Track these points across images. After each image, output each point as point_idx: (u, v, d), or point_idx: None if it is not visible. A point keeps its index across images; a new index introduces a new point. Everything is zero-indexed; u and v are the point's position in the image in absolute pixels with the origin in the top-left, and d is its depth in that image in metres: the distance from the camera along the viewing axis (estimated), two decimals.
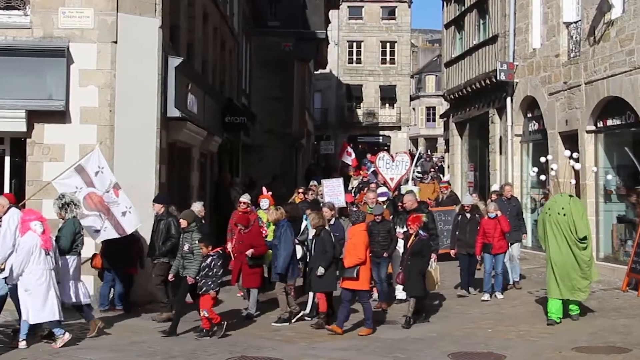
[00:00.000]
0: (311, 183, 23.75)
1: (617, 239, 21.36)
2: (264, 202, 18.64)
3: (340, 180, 23.95)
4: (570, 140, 22.84)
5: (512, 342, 13.88)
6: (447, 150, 37.18)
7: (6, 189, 17.30)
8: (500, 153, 28.12)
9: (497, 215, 18.23)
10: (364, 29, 74.49)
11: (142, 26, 17.46)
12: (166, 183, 18.69)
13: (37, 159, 17.01)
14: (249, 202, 18.65)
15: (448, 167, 36.56)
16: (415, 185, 28.18)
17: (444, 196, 25.63)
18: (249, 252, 16.12)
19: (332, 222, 16.40)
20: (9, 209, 14.09)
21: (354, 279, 14.56)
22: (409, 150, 61.70)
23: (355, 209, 19.72)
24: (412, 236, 15.74)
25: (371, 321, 14.71)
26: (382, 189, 21.91)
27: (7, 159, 17.48)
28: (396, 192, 24.81)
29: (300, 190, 22.38)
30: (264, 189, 19.52)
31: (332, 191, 23.07)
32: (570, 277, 15.36)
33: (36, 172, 16.96)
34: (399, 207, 18.20)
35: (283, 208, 17.00)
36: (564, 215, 15.37)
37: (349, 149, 38.72)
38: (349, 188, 30.03)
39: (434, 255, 16.54)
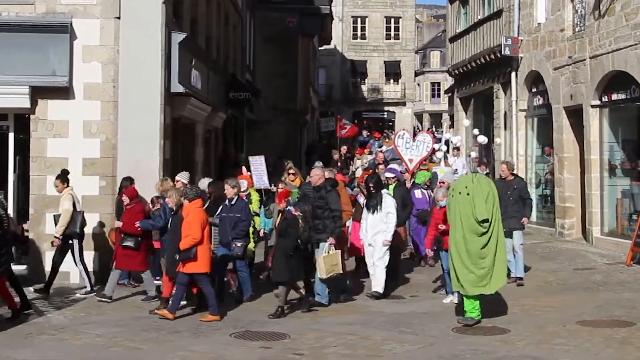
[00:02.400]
0: (316, 164, 21.57)
1: (621, 214, 21.34)
2: (243, 184, 17.10)
3: (262, 159, 21.00)
4: (575, 114, 22.82)
5: (516, 317, 13.89)
6: (451, 126, 36.96)
7: (10, 165, 17.34)
8: (505, 128, 28.10)
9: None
10: (368, 4, 74.15)
11: (145, 1, 17.42)
12: (170, 159, 18.70)
13: (41, 135, 17.02)
14: (187, 182, 16.58)
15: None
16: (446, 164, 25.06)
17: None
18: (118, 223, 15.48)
19: (233, 201, 15.27)
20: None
21: (191, 260, 13.62)
22: (433, 128, 61.21)
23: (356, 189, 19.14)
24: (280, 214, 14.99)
25: (215, 307, 13.75)
26: (392, 166, 20.68)
27: (11, 135, 17.49)
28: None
29: (291, 170, 19.89)
30: (244, 169, 18.81)
31: (257, 170, 20.74)
32: (470, 268, 13.39)
33: (40, 148, 16.97)
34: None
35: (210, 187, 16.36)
36: (467, 194, 13.42)
37: (342, 122, 37.86)
38: (353, 168, 29.37)
39: (331, 239, 14.80)
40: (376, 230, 15.65)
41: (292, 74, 42.06)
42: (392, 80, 75.99)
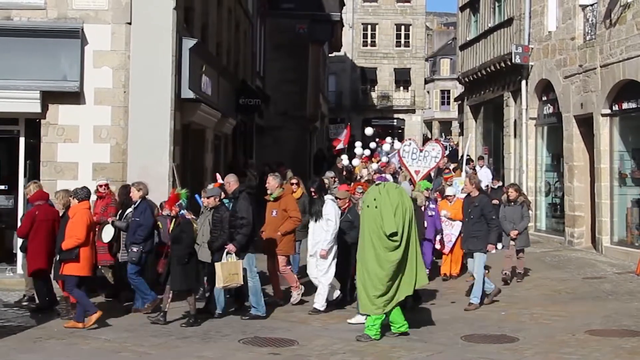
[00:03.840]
0: (327, 174, 20.31)
1: (631, 223, 21.29)
2: (214, 191, 15.92)
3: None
4: (585, 123, 22.79)
5: (525, 325, 13.87)
6: (461, 134, 36.88)
7: (21, 170, 17.40)
8: (515, 136, 28.06)
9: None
10: (379, 11, 74.21)
11: (157, 7, 17.46)
12: (180, 165, 18.72)
13: (51, 139, 17.08)
14: (106, 184, 15.98)
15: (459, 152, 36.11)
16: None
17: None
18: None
19: (136, 204, 14.83)
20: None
21: (73, 261, 13.18)
22: (444, 138, 60.50)
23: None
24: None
25: (81, 314, 13.28)
26: (388, 176, 20.07)
27: (22, 140, 17.54)
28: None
29: (294, 180, 18.63)
30: (218, 176, 18.08)
31: None
32: (381, 287, 12.66)
33: (51, 153, 17.03)
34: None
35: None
36: (375, 207, 12.66)
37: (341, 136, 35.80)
38: (357, 178, 28.51)
39: (230, 246, 14.02)
40: (317, 240, 14.82)
41: (302, 80, 42.13)
42: (401, 88, 76.00)
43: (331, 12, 44.72)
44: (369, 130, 13.44)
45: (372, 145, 36.18)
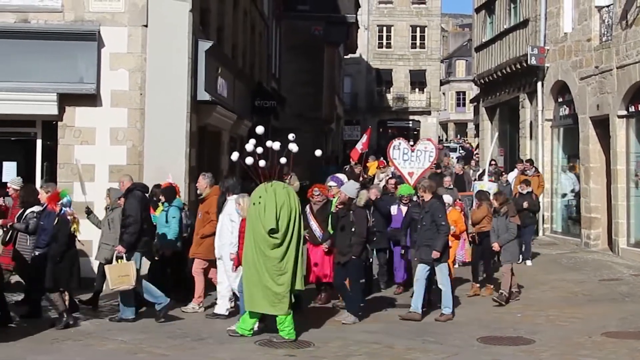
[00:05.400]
0: (328, 182, 19.32)
1: None
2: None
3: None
4: (601, 125, 22.72)
5: (541, 327, 13.85)
6: (477, 135, 36.82)
7: (38, 172, 17.48)
8: (531, 138, 28.00)
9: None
10: (394, 13, 74.20)
11: (173, 10, 17.51)
12: (196, 167, 18.77)
13: (68, 142, 17.15)
14: (18, 188, 15.51)
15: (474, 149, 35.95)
16: (492, 179, 23.05)
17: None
18: None
19: (43, 207, 14.15)
20: None
21: None
22: (460, 140, 60.06)
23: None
24: None
25: None
26: (338, 175, 18.30)
27: (39, 142, 17.62)
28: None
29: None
30: (170, 176, 16.84)
31: None
32: (263, 285, 12.60)
33: (67, 155, 17.10)
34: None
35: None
36: (259, 204, 12.70)
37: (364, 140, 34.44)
38: (377, 181, 28.05)
39: (119, 248, 13.86)
40: (223, 242, 14.21)
41: (318, 82, 42.18)
42: (417, 89, 75.98)
43: (346, 14, 44.79)
44: (259, 129, 12.57)
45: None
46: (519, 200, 20.23)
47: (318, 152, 15.07)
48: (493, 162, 26.73)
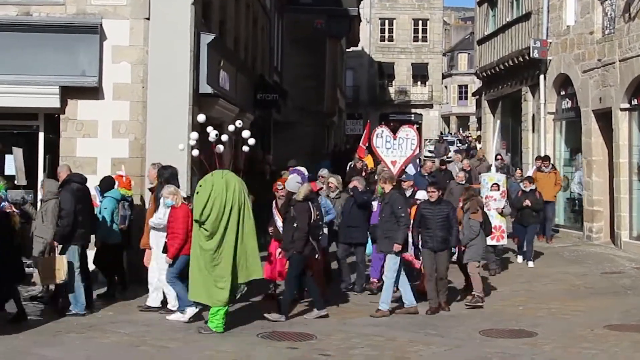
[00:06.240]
0: (320, 172, 18.80)
1: None
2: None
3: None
4: (604, 118, 22.71)
5: (543, 320, 13.86)
6: (479, 129, 36.79)
7: (40, 165, 17.47)
8: (533, 131, 27.99)
9: None
10: (396, 6, 74.13)
11: (175, 3, 17.46)
12: (198, 159, 18.74)
13: (70, 134, 17.12)
14: None
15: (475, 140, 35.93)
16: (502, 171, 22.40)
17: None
18: None
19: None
20: None
21: None
22: (463, 132, 59.76)
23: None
24: None
25: None
26: (299, 168, 17.36)
27: (41, 135, 17.60)
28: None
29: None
30: (123, 167, 16.74)
31: None
32: (201, 274, 12.71)
33: (70, 148, 17.08)
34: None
35: None
36: (197, 193, 12.80)
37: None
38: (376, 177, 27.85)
39: (50, 240, 13.76)
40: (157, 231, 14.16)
41: (320, 75, 42.14)
42: (419, 83, 75.98)
43: (349, 7, 44.69)
44: (201, 117, 12.49)
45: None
46: (521, 198, 19.68)
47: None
48: (499, 157, 26.75)
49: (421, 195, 15.84)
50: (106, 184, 15.61)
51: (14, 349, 11.71)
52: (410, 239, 14.73)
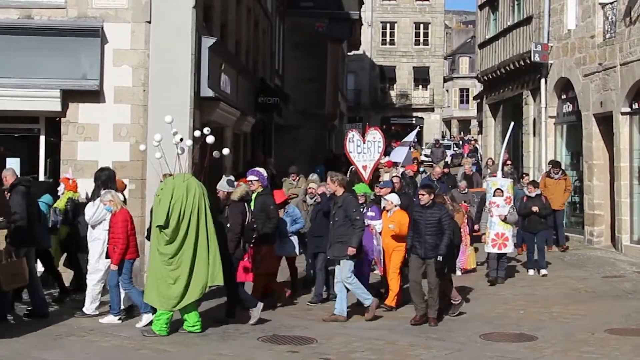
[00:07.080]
0: (249, 176, 18.88)
1: None
2: (60, 187, 15.92)
3: None
4: (605, 122, 22.70)
5: (544, 324, 13.85)
6: (480, 132, 36.78)
7: (41, 168, 17.48)
8: (534, 135, 27.98)
9: None
10: (398, 9, 74.25)
11: (176, 6, 17.47)
12: (199, 163, 18.76)
13: (71, 138, 17.13)
14: None
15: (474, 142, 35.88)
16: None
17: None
18: None
19: None
20: None
21: None
22: (467, 137, 59.43)
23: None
24: None
25: None
26: (257, 169, 16.84)
27: (42, 138, 17.61)
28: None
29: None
30: (70, 170, 16.60)
31: None
32: (156, 278, 12.68)
33: (71, 152, 17.08)
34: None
35: None
36: (157, 197, 12.68)
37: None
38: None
39: (7, 245, 13.27)
40: (94, 236, 14.09)
41: (321, 79, 42.16)
42: (420, 86, 76.05)
43: (350, 11, 44.71)
44: (168, 118, 12.45)
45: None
46: (527, 203, 18.91)
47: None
48: (509, 162, 26.27)
49: (393, 198, 15.43)
50: (41, 189, 15.40)
51: (15, 352, 11.69)
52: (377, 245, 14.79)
